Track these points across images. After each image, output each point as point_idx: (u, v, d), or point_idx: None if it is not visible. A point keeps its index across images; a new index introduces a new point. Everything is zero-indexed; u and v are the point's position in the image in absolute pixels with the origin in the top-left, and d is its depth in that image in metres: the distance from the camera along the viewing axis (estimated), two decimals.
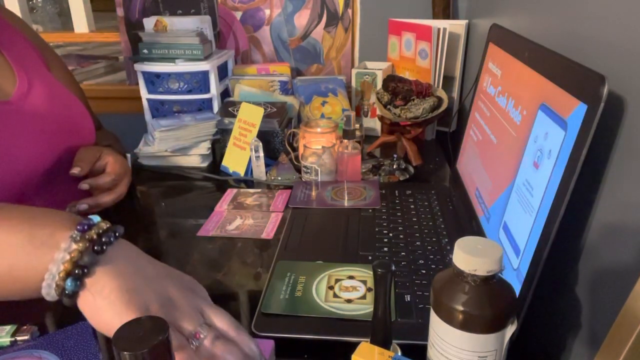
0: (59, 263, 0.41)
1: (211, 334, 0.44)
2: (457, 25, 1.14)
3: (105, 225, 0.45)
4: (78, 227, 0.43)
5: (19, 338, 0.55)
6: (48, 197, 0.81)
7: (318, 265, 0.66)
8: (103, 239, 0.43)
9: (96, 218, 0.46)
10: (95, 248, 0.42)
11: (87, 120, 0.88)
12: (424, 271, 0.64)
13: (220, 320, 0.46)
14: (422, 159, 1.02)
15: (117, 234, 0.45)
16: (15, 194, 0.75)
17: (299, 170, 0.94)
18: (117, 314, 0.41)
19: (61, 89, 0.86)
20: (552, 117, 0.52)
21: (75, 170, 0.77)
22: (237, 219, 0.82)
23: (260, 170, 0.96)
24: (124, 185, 0.86)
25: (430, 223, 0.76)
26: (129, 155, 0.94)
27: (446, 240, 0.72)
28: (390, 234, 0.74)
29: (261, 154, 0.95)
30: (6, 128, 0.74)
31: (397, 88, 1.05)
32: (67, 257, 0.41)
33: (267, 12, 1.34)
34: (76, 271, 0.41)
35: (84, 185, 0.78)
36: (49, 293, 0.42)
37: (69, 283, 0.41)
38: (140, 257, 0.47)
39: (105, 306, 0.41)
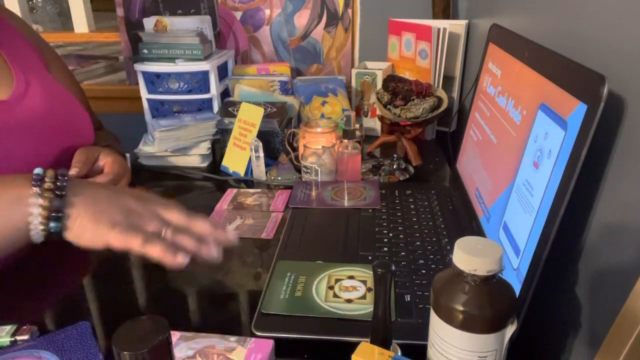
0: (37, 215, 0.51)
1: (170, 228, 0.55)
2: (457, 25, 1.14)
3: (51, 172, 0.54)
4: (33, 182, 0.53)
5: (18, 338, 0.55)
6: None
7: (318, 265, 0.66)
8: (58, 184, 0.53)
9: (39, 170, 0.54)
10: (57, 193, 0.52)
11: (85, 120, 0.88)
12: (424, 271, 0.64)
13: (174, 215, 0.57)
14: (422, 159, 1.02)
15: (65, 176, 0.54)
16: None
17: (299, 170, 0.94)
18: (95, 233, 0.53)
19: (60, 89, 0.86)
20: (552, 117, 0.52)
21: (73, 172, 0.77)
22: (237, 218, 0.82)
23: (260, 170, 0.96)
24: (122, 186, 0.86)
25: (430, 223, 0.76)
26: (128, 155, 0.94)
27: (446, 240, 0.72)
28: (390, 234, 0.74)
29: (261, 154, 0.95)
30: (3, 128, 0.74)
31: (397, 88, 1.05)
32: (40, 209, 0.51)
33: (267, 12, 1.34)
34: (53, 214, 0.52)
35: None
36: (37, 238, 0.53)
37: (52, 225, 0.52)
38: (93, 186, 0.58)
39: (84, 231, 0.53)
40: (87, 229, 0.53)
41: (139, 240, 0.53)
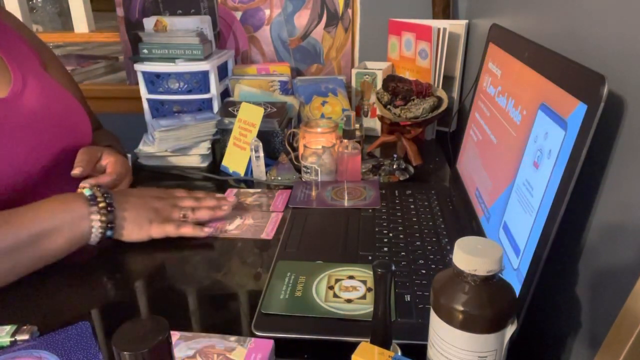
0: (97, 227, 0.69)
1: (189, 211, 0.78)
2: (457, 25, 1.14)
3: (98, 192, 0.71)
4: (90, 202, 0.70)
5: (18, 338, 0.55)
6: (44, 195, 0.81)
7: (318, 265, 0.66)
8: (107, 201, 0.71)
9: (88, 191, 0.71)
10: (109, 209, 0.70)
11: (83, 119, 0.88)
12: (424, 271, 0.64)
13: (187, 201, 0.79)
14: (422, 159, 1.02)
15: (109, 193, 0.72)
16: (12, 191, 0.75)
17: (299, 170, 0.94)
18: (140, 232, 0.73)
19: (58, 88, 0.86)
20: (552, 117, 0.52)
21: (77, 171, 0.78)
22: (237, 218, 0.82)
23: (260, 170, 0.96)
24: (124, 186, 0.86)
25: (430, 223, 0.76)
26: (129, 155, 0.94)
27: (446, 240, 0.72)
28: (390, 234, 0.74)
29: (261, 154, 0.95)
30: (1, 125, 0.74)
31: (397, 88, 1.05)
32: (99, 222, 0.69)
33: (267, 12, 1.34)
34: (108, 225, 0.70)
35: (85, 186, 0.78)
36: (95, 241, 0.70)
37: (108, 233, 0.71)
38: (126, 195, 0.76)
39: (131, 232, 0.73)
40: (134, 231, 0.73)
41: (173, 227, 0.74)
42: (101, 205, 0.70)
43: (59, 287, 0.66)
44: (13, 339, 0.54)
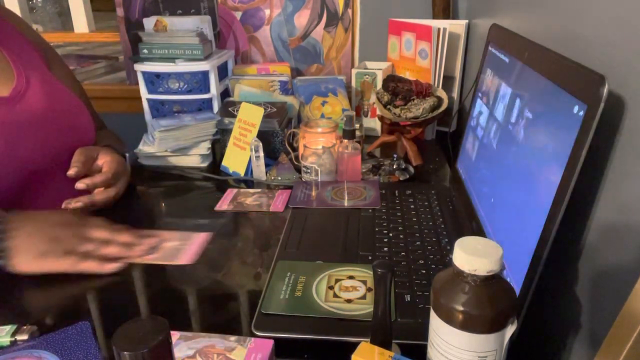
0: None
1: (97, 243, 0.69)
2: (457, 25, 1.14)
3: None
4: None
5: (18, 338, 0.55)
6: (46, 194, 0.81)
7: (318, 265, 0.66)
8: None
9: None
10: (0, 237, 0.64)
11: (86, 118, 0.89)
12: (424, 271, 0.64)
13: (99, 232, 0.70)
14: (422, 159, 1.02)
15: (3, 217, 0.66)
16: (14, 189, 0.76)
17: (299, 170, 0.94)
18: (28, 264, 0.65)
19: (61, 87, 0.86)
20: (552, 117, 0.52)
21: (72, 172, 0.78)
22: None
23: (260, 170, 0.96)
24: (120, 185, 0.86)
25: (430, 223, 0.76)
26: (127, 155, 0.94)
27: (446, 240, 0.72)
28: (390, 234, 0.74)
29: (261, 154, 0.95)
30: (4, 123, 0.74)
31: (397, 88, 1.05)
32: None
33: (267, 12, 1.34)
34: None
35: (80, 185, 0.78)
36: None
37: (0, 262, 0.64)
38: (26, 220, 0.68)
39: (20, 263, 0.65)
40: (25, 262, 0.65)
41: (71, 262, 0.66)
42: None
43: (59, 287, 0.66)
44: (13, 339, 0.54)
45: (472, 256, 0.39)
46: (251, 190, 0.93)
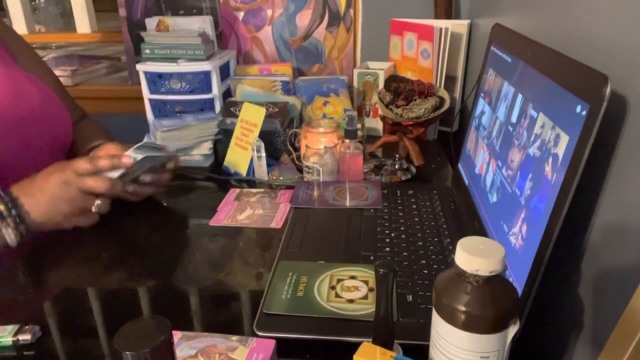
0: (13, 235, 0.72)
1: (97, 199, 0.77)
2: (459, 25, 1.14)
3: (2, 206, 0.71)
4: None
5: (20, 337, 0.55)
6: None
7: (320, 265, 0.66)
8: (13, 213, 0.72)
9: None
10: (17, 220, 0.72)
11: (59, 108, 0.89)
12: (426, 271, 0.64)
13: (93, 186, 0.76)
14: (424, 159, 1.02)
15: (12, 202, 0.73)
16: None
17: (300, 170, 0.94)
18: (45, 225, 0.75)
19: (28, 78, 0.86)
20: (555, 116, 0.51)
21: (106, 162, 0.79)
22: (247, 209, 0.84)
23: (262, 170, 0.96)
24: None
25: (432, 223, 0.76)
26: None
27: (448, 240, 0.72)
28: (392, 234, 0.74)
29: (263, 154, 0.95)
30: None
31: (399, 88, 1.04)
32: (13, 232, 0.72)
33: (269, 12, 1.34)
34: (22, 232, 0.73)
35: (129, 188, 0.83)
36: (14, 244, 0.72)
37: (25, 235, 0.73)
38: (36, 195, 0.74)
39: (39, 226, 0.74)
40: (47, 227, 0.75)
41: (85, 219, 0.77)
42: (9, 220, 0.71)
43: (61, 286, 0.66)
44: (15, 339, 0.55)
45: (474, 256, 0.39)
46: (254, 190, 0.93)
